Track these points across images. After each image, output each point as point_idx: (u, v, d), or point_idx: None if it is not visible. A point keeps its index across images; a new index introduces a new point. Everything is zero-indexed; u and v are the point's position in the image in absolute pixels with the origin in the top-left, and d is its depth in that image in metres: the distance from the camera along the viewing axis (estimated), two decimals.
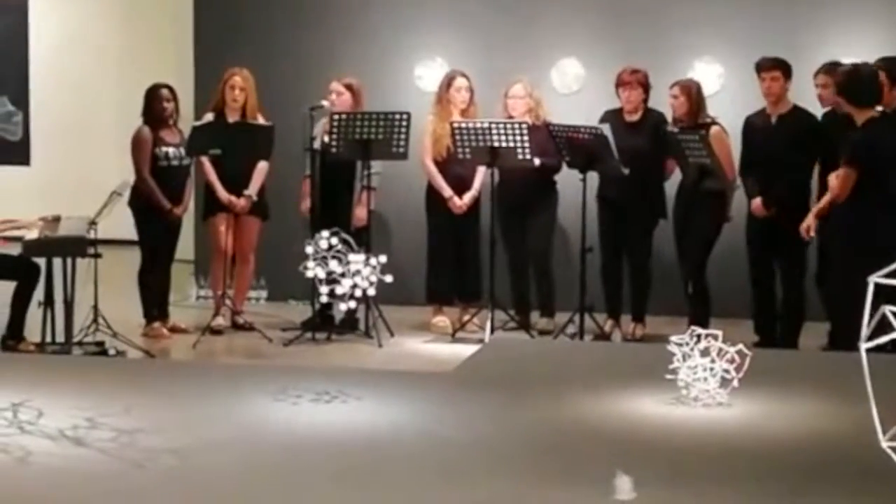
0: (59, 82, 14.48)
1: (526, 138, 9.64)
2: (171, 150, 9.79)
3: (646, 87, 9.86)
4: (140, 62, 13.82)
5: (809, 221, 8.86)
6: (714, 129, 9.57)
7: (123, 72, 14.07)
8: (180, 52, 12.40)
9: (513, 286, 10.28)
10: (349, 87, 10.10)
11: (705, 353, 7.19)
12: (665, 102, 9.89)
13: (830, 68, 9.37)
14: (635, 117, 9.89)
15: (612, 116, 9.89)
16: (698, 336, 7.20)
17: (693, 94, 9.65)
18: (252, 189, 10.01)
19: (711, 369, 7.17)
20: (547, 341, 9.86)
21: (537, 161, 9.78)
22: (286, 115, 10.28)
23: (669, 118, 9.83)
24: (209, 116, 10.04)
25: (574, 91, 11.06)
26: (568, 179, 10.05)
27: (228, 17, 11.56)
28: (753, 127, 9.54)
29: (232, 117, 9.97)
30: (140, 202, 9.80)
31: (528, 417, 7.05)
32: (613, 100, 10.03)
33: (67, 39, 14.45)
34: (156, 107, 9.80)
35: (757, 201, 9.40)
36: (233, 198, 9.96)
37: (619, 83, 9.87)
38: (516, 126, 9.67)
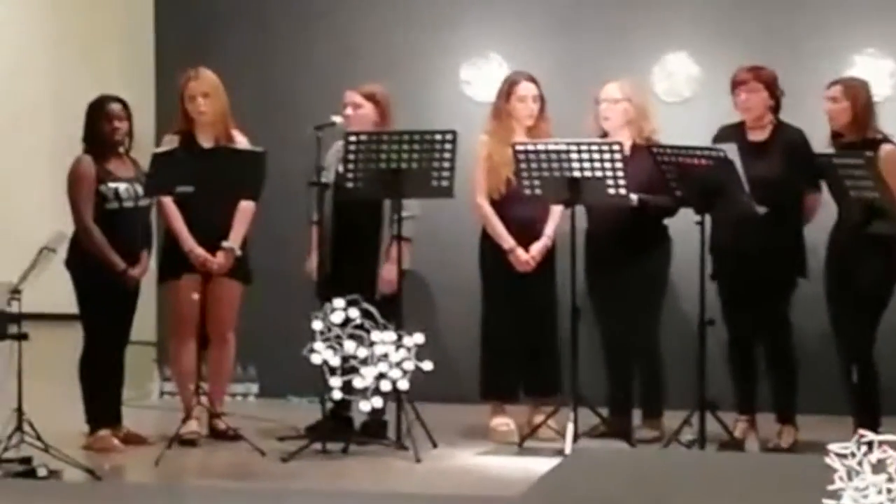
0: None
1: (619, 164, 8.36)
2: (122, 186, 8.66)
3: (772, 90, 8.67)
4: (82, 77, 12.47)
5: None
6: (886, 147, 8.32)
7: (60, 93, 12.86)
8: (137, 57, 11.34)
9: (605, 376, 9.11)
10: (370, 97, 8.94)
11: (879, 467, 5.84)
12: (811, 115, 8.65)
13: None
14: (762, 136, 8.64)
15: (733, 135, 8.63)
16: (868, 444, 5.84)
17: (860, 99, 8.50)
18: (233, 240, 8.88)
19: (889, 491, 5.77)
20: (653, 452, 8.83)
21: (635, 198, 8.54)
22: (284, 137, 9.35)
23: (827, 131, 8.55)
24: (172, 140, 8.89)
25: (685, 99, 9.86)
26: (678, 223, 8.83)
27: (201, 9, 10.43)
28: None
29: (205, 139, 8.79)
30: (82, 261, 8.70)
31: None
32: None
33: None
34: (102, 128, 8.61)
35: None
36: (206, 253, 8.81)
37: (735, 84, 8.78)
38: (605, 147, 8.41)
